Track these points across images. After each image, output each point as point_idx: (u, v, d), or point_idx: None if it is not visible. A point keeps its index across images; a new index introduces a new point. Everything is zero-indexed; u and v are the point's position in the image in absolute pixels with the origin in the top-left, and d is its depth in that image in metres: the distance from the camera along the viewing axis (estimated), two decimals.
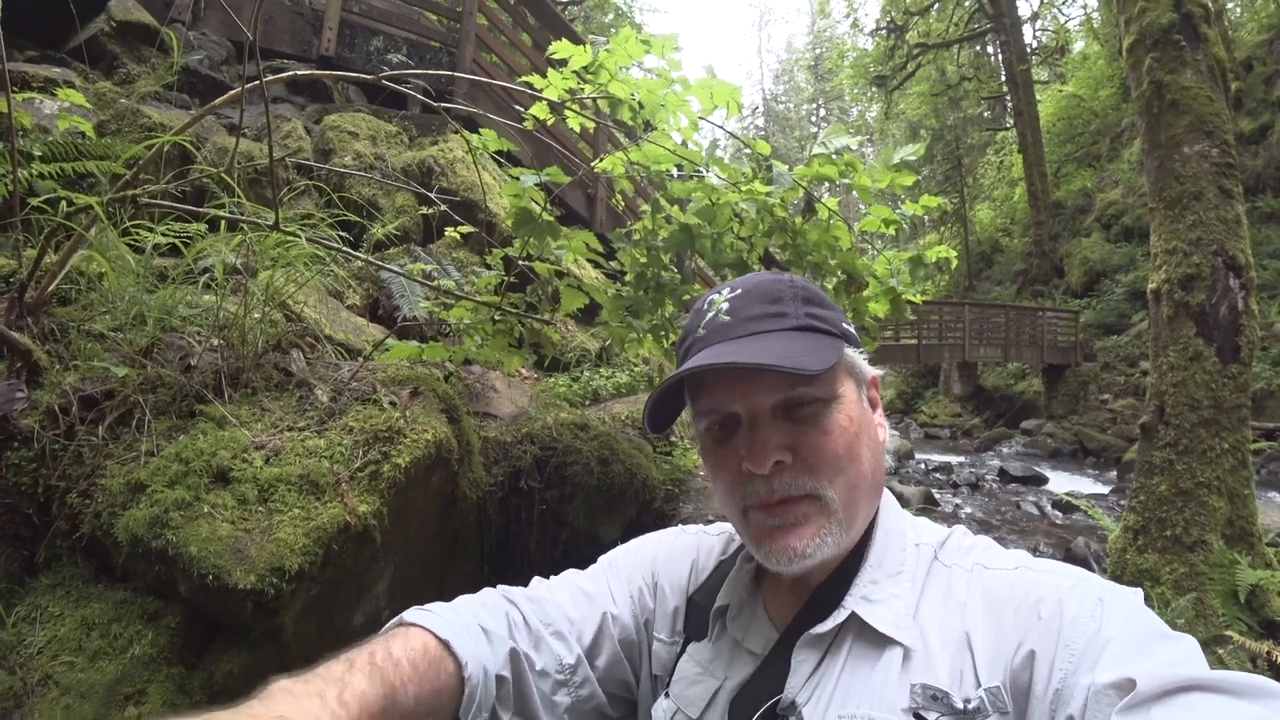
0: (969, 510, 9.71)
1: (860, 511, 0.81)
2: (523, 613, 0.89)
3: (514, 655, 0.83)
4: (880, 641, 0.76)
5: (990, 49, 28.49)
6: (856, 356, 0.86)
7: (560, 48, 2.09)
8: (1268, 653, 3.72)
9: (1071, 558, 7.12)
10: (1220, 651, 3.80)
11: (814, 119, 53.47)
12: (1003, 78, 26.20)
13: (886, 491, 0.88)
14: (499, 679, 0.80)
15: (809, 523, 0.78)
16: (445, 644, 0.75)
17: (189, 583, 1.66)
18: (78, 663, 1.72)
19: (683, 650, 0.93)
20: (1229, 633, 3.90)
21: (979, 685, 0.68)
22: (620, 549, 1.05)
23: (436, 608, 0.82)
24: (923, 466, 12.97)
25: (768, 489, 0.78)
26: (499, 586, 0.94)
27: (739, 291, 0.86)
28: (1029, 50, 25.10)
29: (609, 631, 0.93)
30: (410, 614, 0.80)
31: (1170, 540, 4.30)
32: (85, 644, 1.76)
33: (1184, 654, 0.62)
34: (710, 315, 0.85)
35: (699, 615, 0.93)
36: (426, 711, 0.71)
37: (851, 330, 0.88)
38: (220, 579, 1.59)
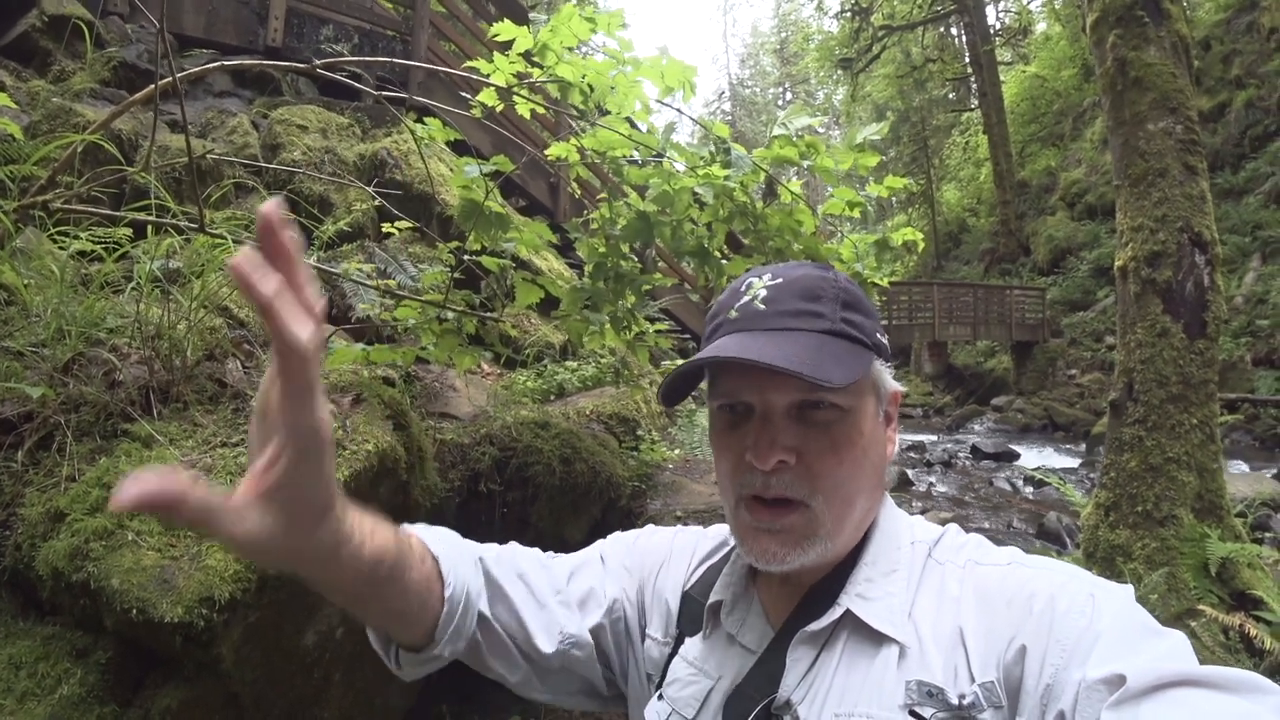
0: (943, 489, 9.74)
1: (849, 525, 0.81)
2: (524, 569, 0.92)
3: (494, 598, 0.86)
4: (875, 639, 0.75)
5: (954, 31, 28.62)
6: (883, 370, 0.85)
7: (503, 29, 1.97)
8: (1240, 625, 3.74)
9: (1044, 532, 7.17)
10: (1193, 625, 3.81)
11: (780, 103, 53.41)
12: (967, 59, 26.37)
13: (886, 494, 0.89)
14: (480, 616, 0.83)
15: (793, 532, 0.78)
16: (437, 559, 0.80)
17: (114, 617, 1.54)
18: (6, 705, 1.61)
19: (675, 649, 0.91)
20: (1201, 606, 3.91)
21: (973, 680, 0.68)
22: (620, 537, 1.04)
23: (443, 532, 0.86)
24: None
25: (764, 483, 0.78)
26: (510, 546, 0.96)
27: (780, 281, 0.83)
28: (992, 31, 25.26)
29: (605, 613, 0.94)
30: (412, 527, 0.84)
31: (1141, 516, 4.30)
32: (14, 685, 1.65)
33: (1174, 649, 0.62)
34: (746, 299, 0.83)
35: (693, 611, 0.92)
36: (415, 595, 0.76)
37: (884, 341, 0.86)
38: (145, 613, 1.47)
